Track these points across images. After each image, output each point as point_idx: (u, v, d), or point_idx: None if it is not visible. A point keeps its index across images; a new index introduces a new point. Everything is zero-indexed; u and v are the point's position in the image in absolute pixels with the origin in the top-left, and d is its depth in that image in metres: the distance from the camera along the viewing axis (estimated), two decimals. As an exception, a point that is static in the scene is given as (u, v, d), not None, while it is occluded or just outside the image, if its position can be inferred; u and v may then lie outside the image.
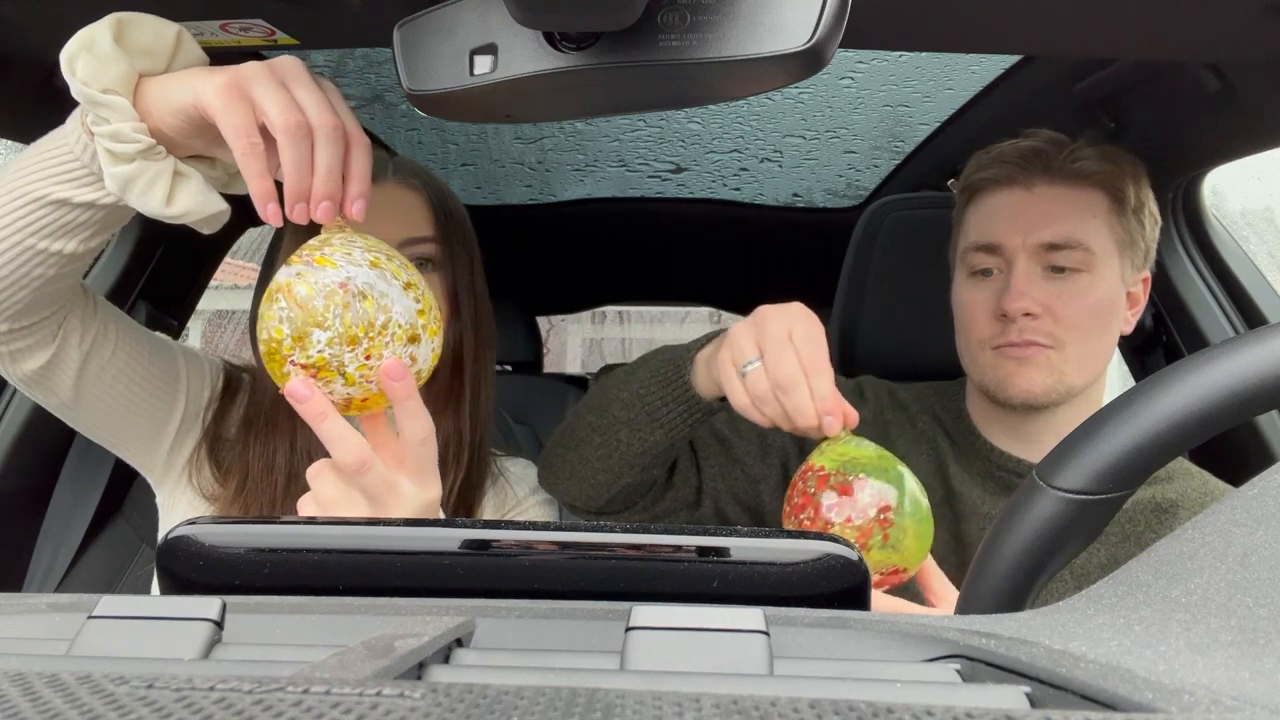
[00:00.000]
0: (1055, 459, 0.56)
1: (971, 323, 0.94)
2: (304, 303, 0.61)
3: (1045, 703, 0.23)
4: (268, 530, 0.37)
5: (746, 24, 0.50)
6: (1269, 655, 0.23)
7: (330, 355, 0.61)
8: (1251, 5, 0.68)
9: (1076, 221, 0.90)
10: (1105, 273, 0.90)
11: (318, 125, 0.63)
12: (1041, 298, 0.89)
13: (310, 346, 0.61)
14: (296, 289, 0.62)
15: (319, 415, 0.62)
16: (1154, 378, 0.53)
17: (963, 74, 1.31)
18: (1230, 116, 1.01)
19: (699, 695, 0.19)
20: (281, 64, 0.65)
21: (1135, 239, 0.92)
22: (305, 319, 0.61)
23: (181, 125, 0.65)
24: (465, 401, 0.92)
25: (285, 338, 0.62)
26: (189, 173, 0.68)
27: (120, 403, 0.83)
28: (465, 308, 0.92)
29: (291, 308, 0.61)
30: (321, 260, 0.62)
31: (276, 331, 0.62)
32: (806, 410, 0.70)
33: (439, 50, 0.56)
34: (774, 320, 0.72)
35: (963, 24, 0.74)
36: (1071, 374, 0.90)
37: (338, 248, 0.63)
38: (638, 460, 0.85)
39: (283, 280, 0.62)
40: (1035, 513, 0.55)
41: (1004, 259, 0.92)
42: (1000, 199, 0.93)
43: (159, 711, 0.17)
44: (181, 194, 0.68)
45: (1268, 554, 0.27)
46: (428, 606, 0.32)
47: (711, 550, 0.35)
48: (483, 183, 1.88)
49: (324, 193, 0.64)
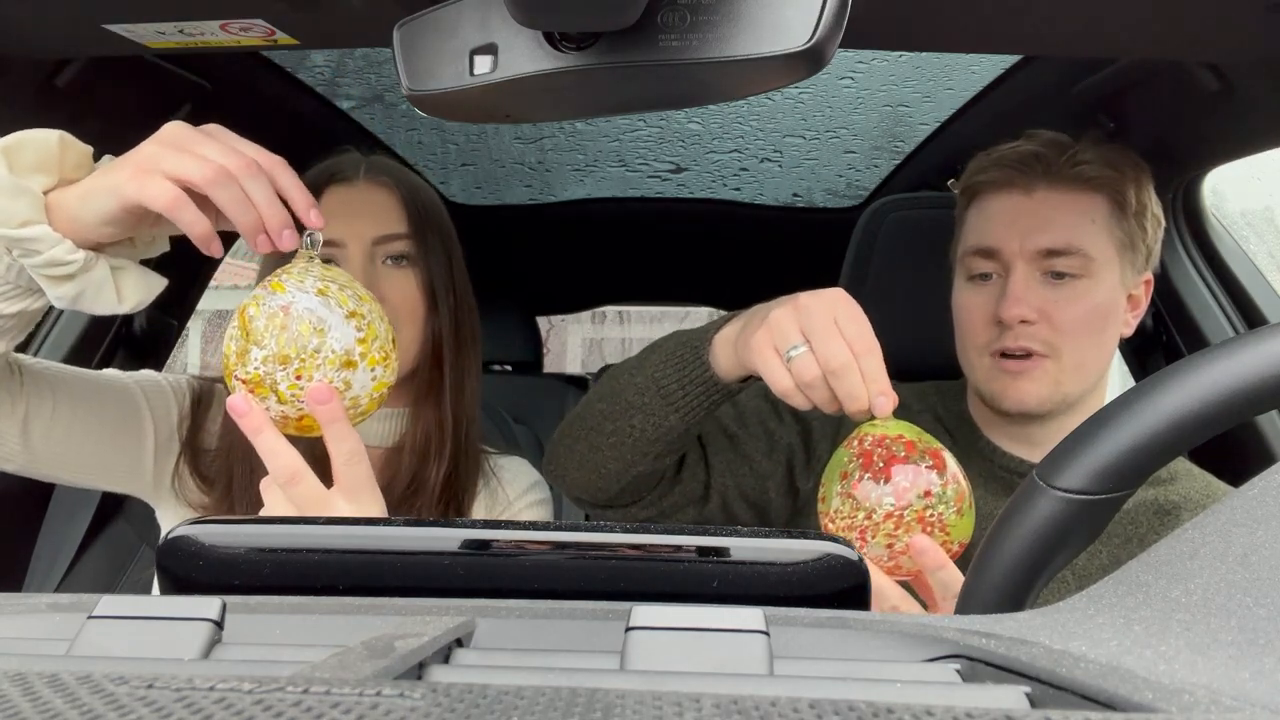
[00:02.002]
0: (1055, 459, 0.56)
1: (969, 327, 0.94)
2: (248, 323, 0.67)
3: (1045, 703, 0.23)
4: (268, 530, 0.37)
5: (746, 24, 0.50)
6: (1269, 655, 0.23)
7: (264, 372, 0.66)
8: (1253, 5, 0.68)
9: (1075, 227, 0.89)
10: (1104, 277, 0.90)
11: (234, 168, 0.66)
12: (1038, 304, 0.89)
13: (249, 363, 0.66)
14: (247, 310, 0.68)
15: (254, 429, 0.66)
16: (1154, 378, 0.52)
17: (963, 74, 1.31)
18: (1230, 116, 1.01)
19: (699, 695, 0.19)
20: (169, 132, 0.67)
21: (1136, 242, 0.92)
22: (247, 337, 0.67)
23: (115, 230, 0.67)
24: (446, 395, 0.94)
25: (232, 354, 0.68)
26: (122, 264, 0.71)
27: (80, 453, 0.84)
28: (442, 303, 0.93)
29: (239, 326, 0.68)
30: (275, 285, 0.68)
31: (227, 348, 0.69)
32: (859, 394, 0.69)
33: (439, 50, 0.56)
34: (817, 305, 0.71)
35: (963, 24, 0.74)
36: (1068, 383, 0.90)
37: (293, 275, 0.68)
38: (651, 447, 0.84)
39: (242, 303, 0.69)
40: (1035, 513, 0.55)
41: (1002, 264, 0.92)
42: (999, 203, 0.93)
43: (159, 711, 0.17)
44: (126, 287, 0.70)
45: (1268, 554, 0.27)
46: (428, 606, 0.32)
47: (711, 550, 0.34)
48: (483, 183, 1.88)
49: (276, 221, 0.67)
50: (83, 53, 0.94)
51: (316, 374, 0.66)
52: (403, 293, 0.90)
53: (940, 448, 0.71)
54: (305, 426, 0.68)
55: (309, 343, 0.66)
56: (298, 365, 0.66)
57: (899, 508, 0.68)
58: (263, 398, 0.67)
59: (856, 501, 0.69)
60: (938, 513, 0.68)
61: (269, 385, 0.66)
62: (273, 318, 0.66)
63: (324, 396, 0.66)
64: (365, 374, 0.68)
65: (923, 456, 0.69)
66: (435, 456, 0.92)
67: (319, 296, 0.67)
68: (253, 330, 0.67)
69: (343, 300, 0.68)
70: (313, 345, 0.66)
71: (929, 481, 0.68)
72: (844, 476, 0.70)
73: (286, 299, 0.67)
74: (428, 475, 0.92)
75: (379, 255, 0.91)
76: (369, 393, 0.70)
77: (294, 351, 0.66)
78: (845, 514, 0.69)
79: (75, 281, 0.67)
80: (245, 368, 0.67)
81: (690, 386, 0.81)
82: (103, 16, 0.74)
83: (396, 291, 0.90)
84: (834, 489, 0.71)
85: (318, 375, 0.66)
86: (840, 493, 0.70)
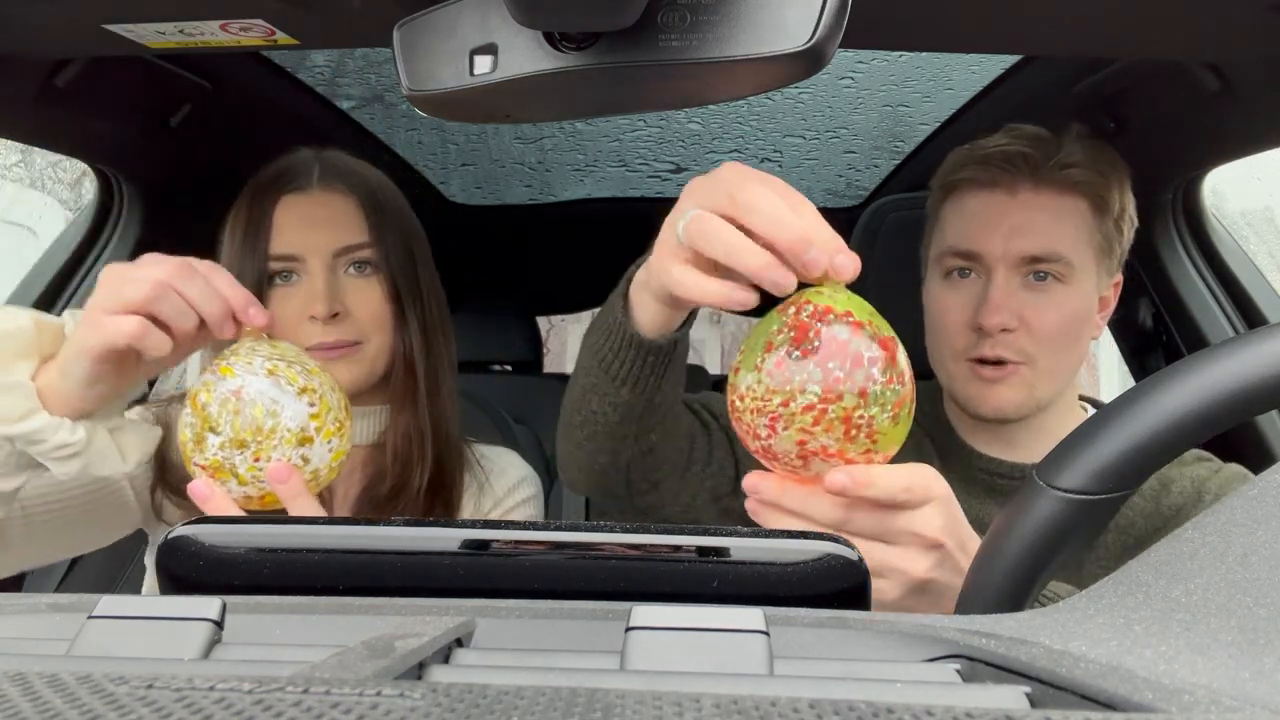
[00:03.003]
0: (1055, 459, 0.56)
1: (945, 331, 0.92)
2: (202, 409, 0.69)
3: (1045, 703, 0.23)
4: (268, 530, 0.37)
5: (746, 24, 0.50)
6: (1269, 655, 0.23)
7: (223, 458, 0.68)
8: (1253, 4, 0.68)
9: (1058, 233, 0.88)
10: (1081, 282, 0.89)
11: (166, 277, 0.67)
12: (1018, 309, 0.88)
13: (207, 449, 0.68)
14: (199, 396, 0.69)
15: (218, 512, 0.68)
16: (1154, 378, 0.53)
17: (963, 74, 1.31)
18: (1230, 116, 1.01)
19: (699, 695, 0.19)
20: (103, 277, 0.69)
21: (1113, 246, 0.91)
22: (202, 424, 0.68)
23: (103, 389, 0.69)
24: (422, 398, 0.93)
25: (189, 441, 0.69)
26: (118, 423, 0.73)
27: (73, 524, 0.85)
28: (409, 308, 0.92)
29: (193, 414, 0.69)
30: (224, 370, 0.69)
31: (183, 435, 0.70)
32: (787, 222, 0.55)
33: (439, 50, 0.56)
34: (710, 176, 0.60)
35: (963, 24, 0.74)
36: (1042, 388, 0.89)
37: (241, 357, 0.70)
38: (619, 429, 0.76)
39: (192, 389, 0.70)
40: (1035, 513, 0.55)
41: (982, 266, 0.90)
42: (981, 202, 0.90)
43: (159, 711, 0.17)
44: (129, 447, 0.74)
45: (1268, 554, 0.27)
46: (428, 606, 0.32)
47: (711, 550, 0.34)
48: (483, 183, 1.88)
49: (216, 318, 0.69)
50: (83, 53, 0.94)
51: (274, 454, 0.68)
52: (368, 303, 0.89)
53: (892, 336, 0.58)
54: (268, 503, 0.70)
55: (264, 424, 0.68)
56: (255, 448, 0.67)
57: (824, 400, 0.55)
58: (223, 481, 0.69)
59: (775, 382, 0.56)
60: (869, 415, 0.56)
61: (229, 469, 0.68)
62: (225, 403, 0.68)
63: (283, 475, 0.67)
64: (322, 447, 0.70)
65: (870, 343, 0.56)
66: (418, 461, 0.91)
67: (269, 377, 0.69)
68: (207, 417, 0.68)
69: (292, 378, 0.70)
70: (268, 426, 0.68)
71: (868, 377, 0.55)
72: (768, 348, 0.57)
73: (237, 383, 0.68)
74: (411, 479, 0.91)
75: (340, 266, 0.89)
76: (327, 464, 0.72)
77: (250, 435, 0.67)
78: (758, 395, 0.56)
79: (79, 458, 0.69)
80: (204, 454, 0.68)
81: (624, 353, 0.72)
82: (103, 16, 0.74)
83: (362, 302, 0.88)
84: (752, 359, 0.58)
85: (275, 455, 0.68)
86: (758, 366, 0.57)
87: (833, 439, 0.56)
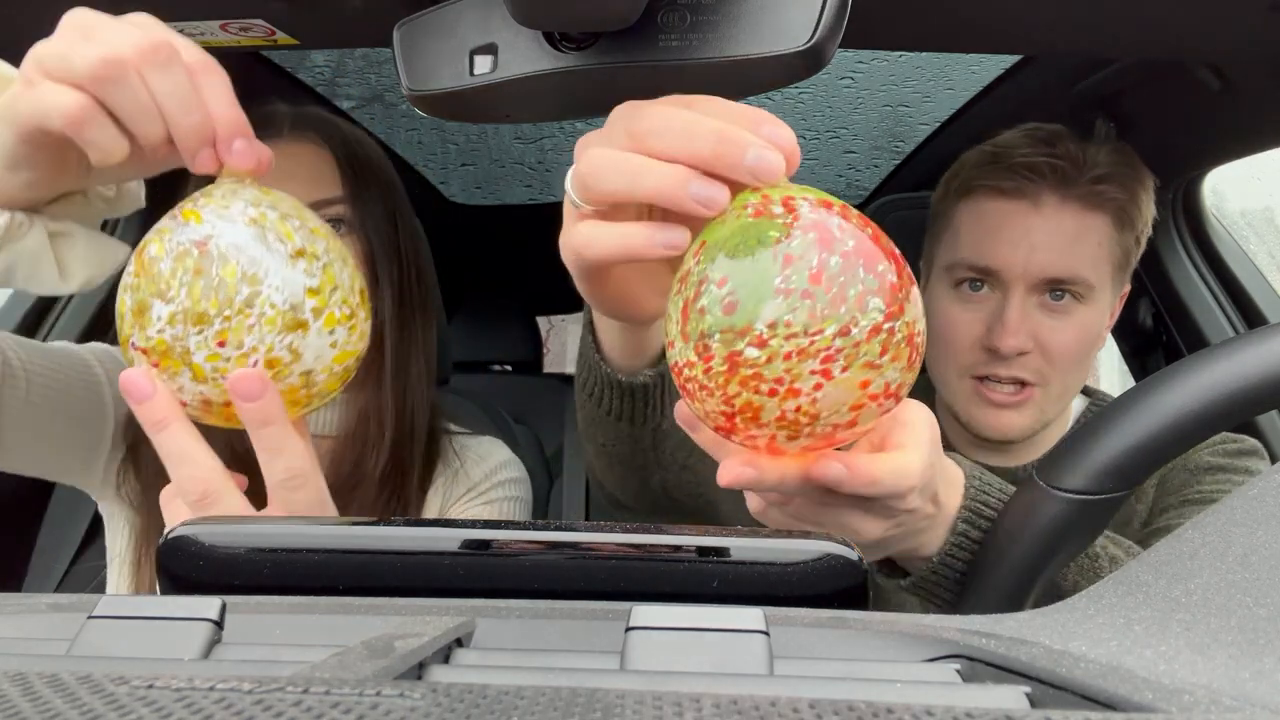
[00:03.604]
0: (1056, 459, 0.56)
1: (952, 346, 0.88)
2: (149, 266, 0.47)
3: (1045, 703, 0.23)
4: (268, 530, 0.37)
5: (746, 24, 0.50)
6: (1269, 655, 0.23)
7: (172, 337, 0.46)
8: (1253, 4, 0.67)
9: (1081, 253, 0.83)
10: (1098, 300, 0.86)
11: (129, 54, 0.46)
12: (1034, 330, 0.84)
13: (149, 323, 0.47)
14: (148, 248, 0.48)
15: (156, 422, 0.47)
16: (1154, 378, 0.53)
17: (963, 74, 1.31)
18: (1231, 116, 1.02)
19: (699, 695, 0.19)
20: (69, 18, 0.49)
21: (1130, 259, 0.88)
22: (147, 287, 0.47)
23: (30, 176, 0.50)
24: (387, 376, 0.81)
25: (127, 313, 0.48)
26: (66, 229, 0.54)
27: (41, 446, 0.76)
28: (384, 274, 0.81)
29: (136, 273, 0.48)
30: (187, 214, 0.48)
31: (120, 304, 0.48)
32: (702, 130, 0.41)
33: (439, 50, 0.56)
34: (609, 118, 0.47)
35: (963, 24, 0.74)
36: (1051, 409, 0.87)
37: (215, 199, 0.48)
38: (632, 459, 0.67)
39: (143, 241, 0.49)
40: (1037, 513, 0.55)
41: (998, 281, 0.85)
42: (1001, 213, 0.85)
43: (159, 711, 0.17)
44: (72, 259, 0.54)
45: (1268, 554, 0.27)
46: (428, 606, 0.32)
47: (711, 550, 0.35)
48: (483, 183, 1.88)
49: (186, 134, 0.48)
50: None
51: (247, 338, 0.46)
52: None
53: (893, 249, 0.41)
54: (233, 414, 0.49)
55: (236, 293, 0.46)
56: (220, 327, 0.46)
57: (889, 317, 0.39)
58: (171, 373, 0.47)
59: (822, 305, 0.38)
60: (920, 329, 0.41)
61: (178, 355, 0.46)
62: (182, 258, 0.46)
63: (251, 388, 0.46)
64: (320, 338, 0.48)
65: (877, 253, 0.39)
66: (374, 445, 0.81)
67: (251, 227, 0.47)
68: (154, 276, 0.46)
69: (286, 234, 0.48)
70: (241, 297, 0.46)
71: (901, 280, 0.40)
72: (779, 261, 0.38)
73: (203, 231, 0.47)
74: (366, 466, 0.80)
75: None
76: (326, 366, 0.50)
77: (214, 307, 0.46)
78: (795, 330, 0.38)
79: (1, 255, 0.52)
80: (145, 331, 0.47)
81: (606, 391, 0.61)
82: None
83: None
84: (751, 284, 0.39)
85: (249, 340, 0.46)
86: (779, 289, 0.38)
87: (897, 370, 0.40)
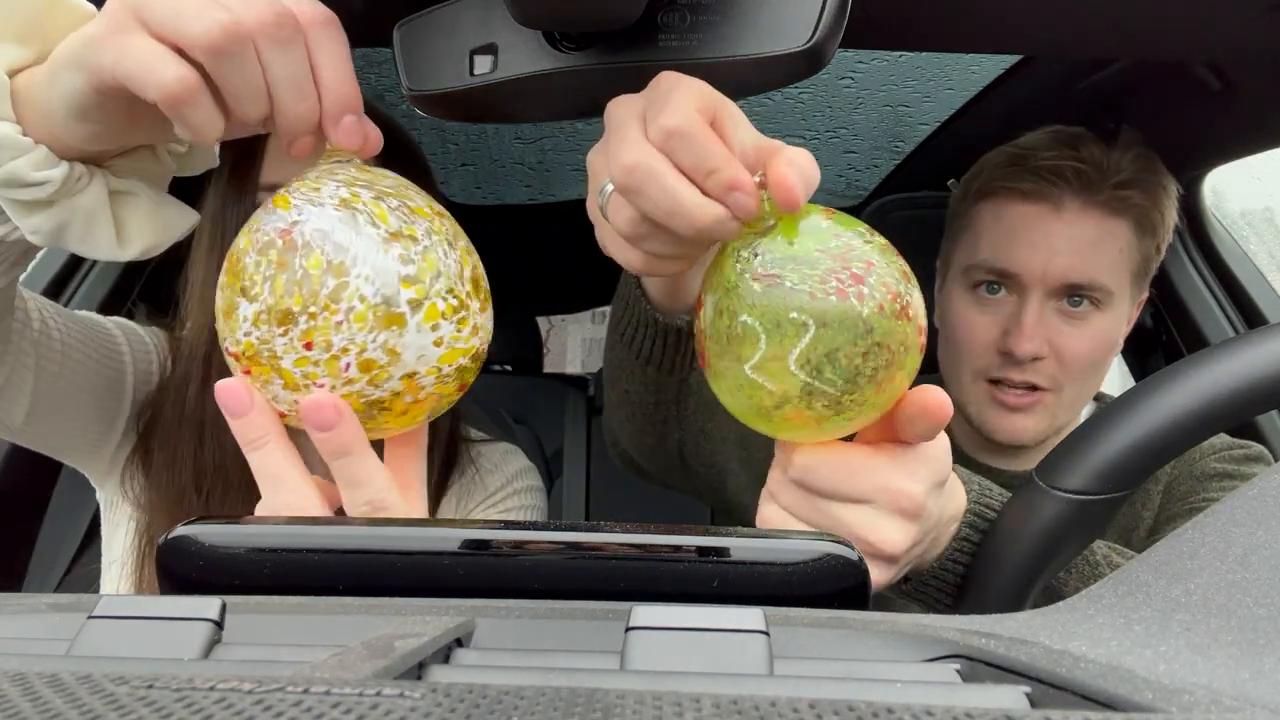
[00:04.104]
0: (1055, 459, 0.56)
1: (967, 348, 0.88)
2: (235, 261, 0.43)
3: (1045, 703, 0.23)
4: (268, 530, 0.37)
5: (746, 24, 0.50)
6: (1269, 655, 0.23)
7: (259, 340, 0.41)
8: (1253, 4, 0.68)
9: (1102, 259, 0.83)
10: (1116, 307, 0.86)
11: (253, 25, 0.41)
12: (1050, 336, 0.84)
13: (237, 326, 0.42)
14: (239, 242, 0.43)
15: (253, 442, 0.43)
16: (1154, 378, 0.53)
17: (963, 74, 1.31)
18: (1232, 116, 1.02)
19: (699, 695, 0.19)
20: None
21: (1149, 266, 0.88)
22: (234, 285, 0.42)
23: (96, 130, 0.45)
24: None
25: (220, 312, 0.43)
26: (130, 188, 0.50)
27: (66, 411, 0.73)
28: None
29: (227, 270, 0.43)
30: (278, 200, 0.43)
31: (217, 305, 0.44)
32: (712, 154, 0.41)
33: (439, 50, 0.56)
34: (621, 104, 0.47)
35: (963, 24, 0.74)
36: (1064, 415, 0.87)
37: (308, 181, 0.44)
38: (655, 411, 0.68)
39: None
40: (1035, 513, 0.55)
41: (1016, 285, 0.85)
42: (1022, 216, 0.85)
43: (159, 711, 0.17)
44: (133, 222, 0.49)
45: (1268, 554, 0.27)
46: (428, 606, 0.32)
47: (711, 550, 0.35)
48: (483, 183, 1.88)
49: (294, 118, 0.44)
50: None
51: (336, 338, 0.41)
52: None
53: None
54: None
55: (321, 287, 0.40)
56: (306, 326, 0.41)
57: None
58: (263, 381, 0.42)
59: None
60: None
61: (266, 360, 0.42)
62: (266, 250, 0.41)
63: (326, 418, 0.41)
64: (421, 335, 0.42)
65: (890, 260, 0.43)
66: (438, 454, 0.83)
67: (340, 210, 0.42)
68: (240, 272, 0.42)
69: (380, 215, 0.42)
70: (327, 290, 0.40)
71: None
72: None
73: (289, 218, 0.42)
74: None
75: None
76: (433, 367, 0.43)
77: (298, 304, 0.40)
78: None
79: (53, 211, 0.46)
80: (234, 334, 0.42)
81: (642, 330, 0.62)
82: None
83: None
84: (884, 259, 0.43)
85: (338, 340, 0.41)
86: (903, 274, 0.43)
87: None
